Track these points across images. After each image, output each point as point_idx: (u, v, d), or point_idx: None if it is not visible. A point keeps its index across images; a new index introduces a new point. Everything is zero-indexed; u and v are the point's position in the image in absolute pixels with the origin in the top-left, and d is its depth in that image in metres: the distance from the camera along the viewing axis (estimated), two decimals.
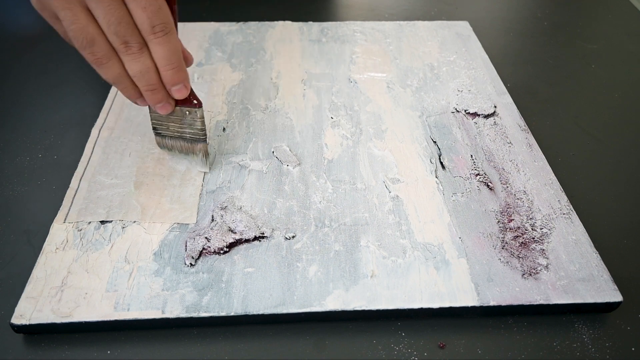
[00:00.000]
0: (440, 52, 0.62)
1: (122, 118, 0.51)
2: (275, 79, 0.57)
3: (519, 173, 0.47)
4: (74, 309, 0.36)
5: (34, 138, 0.51)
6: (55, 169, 0.48)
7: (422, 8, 0.75)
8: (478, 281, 0.38)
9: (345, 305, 0.36)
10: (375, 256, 0.40)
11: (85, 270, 0.38)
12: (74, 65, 0.61)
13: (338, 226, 0.42)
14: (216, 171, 0.46)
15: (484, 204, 0.44)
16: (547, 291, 0.38)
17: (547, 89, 0.60)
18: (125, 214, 0.42)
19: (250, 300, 0.37)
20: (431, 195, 0.45)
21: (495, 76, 0.59)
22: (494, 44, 0.66)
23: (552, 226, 0.42)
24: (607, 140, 0.53)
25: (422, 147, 0.49)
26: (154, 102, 0.40)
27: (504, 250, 0.40)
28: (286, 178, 0.46)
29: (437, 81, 0.58)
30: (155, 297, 0.37)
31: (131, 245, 0.40)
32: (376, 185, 0.45)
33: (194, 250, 0.40)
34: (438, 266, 0.39)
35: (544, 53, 0.66)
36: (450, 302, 0.37)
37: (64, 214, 0.42)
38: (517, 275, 0.39)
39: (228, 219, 0.42)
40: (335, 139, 0.50)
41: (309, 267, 0.39)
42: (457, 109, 0.54)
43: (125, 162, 0.47)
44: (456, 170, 0.47)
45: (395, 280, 0.38)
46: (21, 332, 0.36)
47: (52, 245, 0.39)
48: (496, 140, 0.50)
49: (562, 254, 0.40)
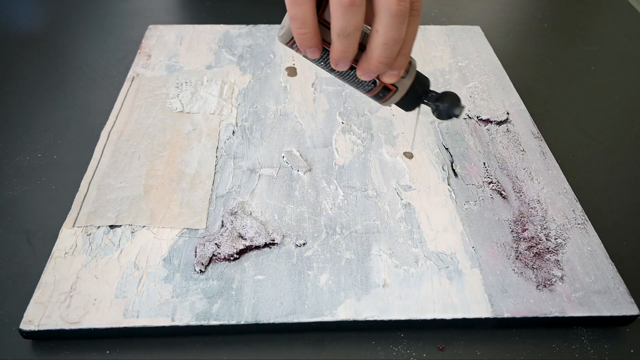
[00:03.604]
0: (451, 57, 0.62)
1: (131, 121, 0.51)
2: (285, 82, 0.57)
3: (532, 181, 0.46)
4: (83, 316, 0.35)
5: (34, 138, 0.51)
6: (55, 169, 0.48)
7: (422, 8, 0.74)
8: (492, 292, 0.37)
9: (357, 315, 0.36)
10: (387, 265, 0.39)
11: (95, 276, 0.37)
12: (74, 65, 0.60)
13: (349, 234, 0.41)
14: (225, 175, 0.46)
15: (497, 212, 0.43)
16: (562, 303, 0.37)
17: (547, 90, 0.60)
18: (135, 219, 0.42)
19: (261, 309, 0.36)
20: (443, 203, 0.44)
21: (507, 82, 0.58)
22: (494, 45, 0.65)
23: (567, 236, 0.41)
24: (607, 142, 0.53)
25: (434, 154, 0.49)
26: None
27: (517, 261, 0.40)
28: (296, 183, 0.45)
29: (449, 87, 0.57)
30: (164, 304, 0.36)
31: (140, 251, 0.39)
32: (387, 192, 0.45)
33: (204, 256, 0.39)
34: (451, 276, 0.38)
35: (544, 54, 0.66)
36: (463, 314, 0.36)
37: (73, 218, 0.41)
38: (531, 287, 0.38)
39: (238, 224, 0.42)
40: (346, 145, 0.49)
41: (320, 275, 0.38)
42: (470, 116, 0.53)
43: (134, 165, 0.46)
44: (469, 178, 0.46)
45: (408, 290, 0.38)
46: (29, 337, 0.35)
47: (61, 250, 0.39)
48: (509, 147, 0.50)
49: (577, 265, 0.39)
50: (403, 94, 0.37)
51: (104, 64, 0.61)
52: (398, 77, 0.36)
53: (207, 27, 0.65)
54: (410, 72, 0.37)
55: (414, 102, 0.39)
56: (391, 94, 0.37)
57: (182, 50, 0.61)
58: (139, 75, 0.57)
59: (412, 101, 0.38)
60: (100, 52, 0.63)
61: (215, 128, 0.51)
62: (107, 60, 0.62)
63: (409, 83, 0.37)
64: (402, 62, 0.35)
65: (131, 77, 0.56)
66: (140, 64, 0.58)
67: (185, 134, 0.50)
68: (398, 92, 0.37)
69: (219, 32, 0.64)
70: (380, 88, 0.37)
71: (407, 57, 0.35)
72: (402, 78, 0.37)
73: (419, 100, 0.38)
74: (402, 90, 0.37)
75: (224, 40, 0.63)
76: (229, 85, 0.56)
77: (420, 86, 0.38)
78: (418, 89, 0.38)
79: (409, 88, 0.37)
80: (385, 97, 0.38)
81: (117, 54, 0.63)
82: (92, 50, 0.63)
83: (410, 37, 0.34)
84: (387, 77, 0.36)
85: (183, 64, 0.58)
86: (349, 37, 0.33)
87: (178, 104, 0.53)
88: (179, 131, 0.50)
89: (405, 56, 0.35)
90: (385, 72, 0.36)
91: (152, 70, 0.57)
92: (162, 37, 0.63)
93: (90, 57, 0.62)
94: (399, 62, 0.35)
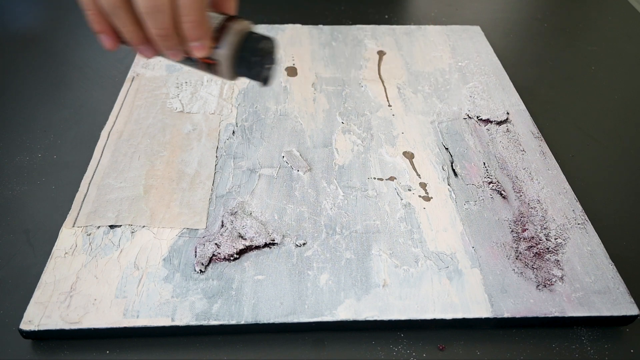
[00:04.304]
0: (451, 57, 0.62)
1: (131, 121, 0.51)
2: (285, 82, 0.57)
3: (532, 181, 0.46)
4: (83, 316, 0.35)
5: (34, 138, 0.51)
6: (55, 169, 0.48)
7: (422, 8, 0.74)
8: (492, 292, 0.37)
9: (357, 315, 0.36)
10: (387, 265, 0.39)
11: (95, 276, 0.37)
12: (74, 65, 0.60)
13: (349, 234, 0.41)
14: (225, 175, 0.46)
15: (497, 212, 0.43)
16: (562, 303, 0.37)
17: (547, 90, 0.60)
18: (135, 219, 0.42)
19: (261, 309, 0.36)
20: (443, 203, 0.44)
21: (507, 82, 0.58)
22: (494, 45, 0.65)
23: (567, 236, 0.41)
24: (607, 142, 0.53)
25: (434, 154, 0.49)
26: (148, 52, 0.33)
27: (517, 261, 0.40)
28: (296, 183, 0.45)
29: (449, 86, 0.57)
30: (164, 304, 0.36)
31: (140, 251, 0.39)
32: (387, 192, 0.45)
33: (204, 256, 0.39)
34: (451, 276, 0.38)
35: (544, 55, 0.66)
36: (463, 314, 0.36)
37: (72, 218, 0.41)
38: (531, 287, 0.38)
39: (238, 224, 0.42)
40: (346, 144, 0.49)
41: (320, 275, 0.38)
42: (469, 115, 0.53)
43: (134, 165, 0.46)
44: (469, 178, 0.46)
45: (408, 290, 0.38)
46: (29, 337, 0.35)
47: (61, 250, 0.39)
48: (509, 147, 0.50)
49: (577, 265, 0.39)
50: (228, 66, 0.34)
51: (104, 64, 0.61)
52: (203, 49, 0.32)
53: None
54: (226, 40, 0.33)
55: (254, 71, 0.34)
56: (216, 68, 0.34)
57: None
58: (139, 75, 0.57)
59: (249, 70, 0.34)
60: (100, 52, 0.63)
61: (215, 128, 0.51)
62: (107, 60, 0.61)
63: (225, 53, 0.33)
64: (192, 32, 0.31)
65: (131, 77, 0.56)
66: (140, 64, 0.58)
67: (185, 134, 0.50)
68: (221, 64, 0.33)
69: None
70: (203, 63, 0.34)
71: (197, 26, 0.31)
72: (217, 49, 0.33)
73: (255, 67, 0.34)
74: (224, 61, 0.33)
75: None
76: (229, 85, 0.56)
77: (251, 52, 0.33)
78: (248, 56, 0.34)
79: (230, 59, 0.33)
80: (215, 71, 0.34)
81: (117, 54, 0.63)
82: (92, 50, 0.63)
83: (187, 3, 0.30)
84: (194, 50, 0.33)
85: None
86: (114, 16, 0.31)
87: (178, 104, 0.53)
88: (179, 131, 0.50)
89: (192, 24, 0.31)
90: (189, 46, 0.32)
91: (152, 70, 0.57)
92: None
93: (90, 57, 0.62)
94: (189, 32, 0.31)
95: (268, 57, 0.35)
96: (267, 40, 0.35)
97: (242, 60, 0.34)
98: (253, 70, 0.35)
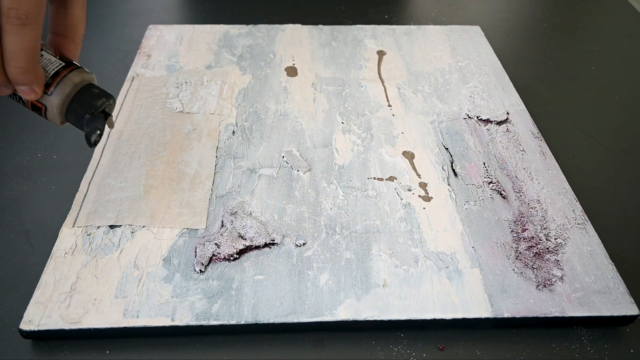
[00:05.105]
0: (451, 57, 0.62)
1: (131, 121, 0.51)
2: (285, 82, 0.57)
3: (532, 181, 0.46)
4: (83, 315, 0.35)
5: (34, 138, 0.51)
6: (55, 169, 0.48)
7: (422, 8, 0.74)
8: (492, 292, 0.37)
9: (357, 315, 0.36)
10: (387, 265, 0.39)
11: (94, 275, 0.38)
12: None
13: (349, 233, 0.41)
14: (225, 175, 0.46)
15: (497, 212, 0.43)
16: (562, 303, 0.37)
17: (547, 90, 0.60)
18: (135, 219, 0.42)
19: (261, 309, 0.36)
20: (443, 203, 0.44)
21: (507, 82, 0.58)
22: (494, 45, 0.65)
23: (567, 236, 0.41)
24: (607, 142, 0.53)
25: (434, 154, 0.49)
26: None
27: (517, 261, 0.40)
28: (296, 184, 0.45)
29: (449, 86, 0.57)
30: (164, 304, 0.36)
31: (140, 251, 0.39)
32: (387, 192, 0.45)
33: (204, 256, 0.39)
34: (451, 276, 0.38)
35: (544, 54, 0.66)
36: (463, 314, 0.36)
37: (72, 217, 0.41)
38: (531, 287, 0.38)
39: (238, 224, 0.42)
40: (346, 144, 0.49)
41: (320, 275, 0.38)
42: (469, 115, 0.53)
43: (134, 165, 0.46)
44: (469, 178, 0.46)
45: (408, 290, 0.38)
46: (29, 337, 0.35)
47: (61, 250, 0.39)
48: (509, 147, 0.50)
49: (577, 265, 0.39)
50: (54, 112, 0.34)
51: (104, 64, 0.61)
52: (31, 94, 0.33)
53: (207, 27, 0.65)
54: (60, 88, 0.33)
55: (83, 123, 0.35)
56: (43, 112, 0.34)
57: (182, 50, 0.61)
58: (139, 75, 0.57)
59: (79, 121, 0.35)
60: (100, 52, 0.63)
61: (215, 128, 0.51)
62: (107, 60, 0.61)
63: (56, 101, 0.34)
64: (19, 77, 0.31)
65: (131, 77, 0.56)
66: (140, 64, 0.58)
67: (185, 133, 0.50)
68: (48, 110, 0.34)
69: (218, 32, 0.64)
70: (31, 105, 0.34)
71: (24, 72, 0.31)
72: (48, 95, 0.33)
73: (86, 123, 0.35)
74: (52, 109, 0.34)
75: (223, 40, 0.63)
76: (229, 85, 0.56)
77: (82, 106, 0.34)
78: (79, 110, 0.34)
79: (59, 108, 0.34)
80: (42, 115, 0.35)
81: (117, 54, 0.63)
82: (92, 50, 0.63)
83: (14, 48, 0.30)
84: (21, 93, 0.33)
85: (183, 64, 0.58)
86: None
87: (178, 104, 0.53)
88: (179, 131, 0.50)
89: (18, 70, 0.31)
90: (17, 87, 0.33)
91: (152, 70, 0.57)
92: (162, 37, 0.63)
93: (90, 57, 0.62)
94: (15, 77, 0.31)
95: (99, 118, 0.35)
96: (106, 98, 0.35)
97: (72, 111, 0.34)
98: (82, 125, 0.35)
